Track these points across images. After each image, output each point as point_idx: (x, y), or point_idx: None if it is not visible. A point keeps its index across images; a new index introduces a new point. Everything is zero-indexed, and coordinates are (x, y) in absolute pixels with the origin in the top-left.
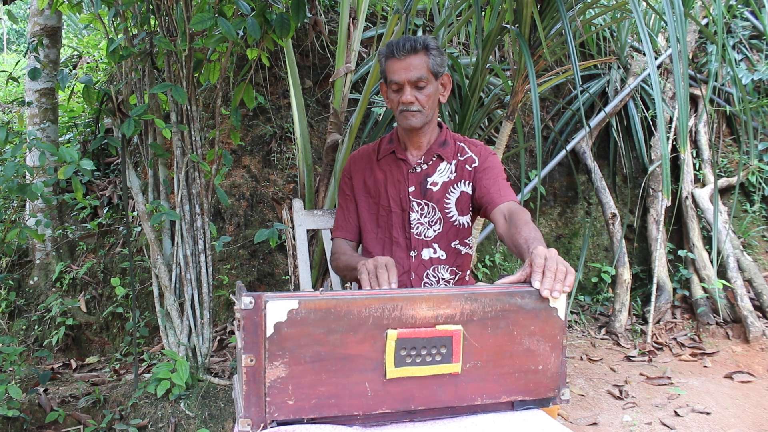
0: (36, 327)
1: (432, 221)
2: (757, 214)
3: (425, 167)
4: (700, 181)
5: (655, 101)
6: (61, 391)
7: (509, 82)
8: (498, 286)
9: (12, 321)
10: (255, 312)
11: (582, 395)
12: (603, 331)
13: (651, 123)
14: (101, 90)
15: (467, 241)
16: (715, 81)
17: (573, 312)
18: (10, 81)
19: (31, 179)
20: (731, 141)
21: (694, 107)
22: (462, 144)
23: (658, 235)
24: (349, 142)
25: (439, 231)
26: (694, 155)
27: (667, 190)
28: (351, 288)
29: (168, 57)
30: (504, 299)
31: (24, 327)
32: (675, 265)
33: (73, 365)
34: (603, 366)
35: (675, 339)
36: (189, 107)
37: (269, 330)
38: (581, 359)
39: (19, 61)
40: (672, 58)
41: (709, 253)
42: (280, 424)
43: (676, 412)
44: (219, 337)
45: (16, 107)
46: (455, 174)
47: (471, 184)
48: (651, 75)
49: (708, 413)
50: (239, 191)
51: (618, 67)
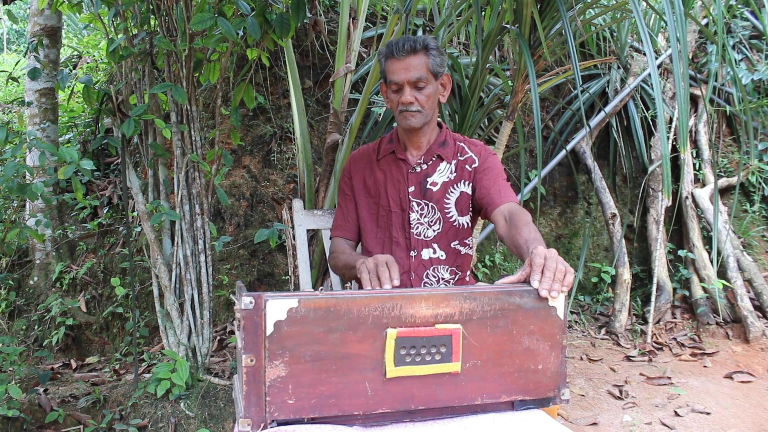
0: (36, 327)
1: (432, 221)
2: (757, 214)
3: (425, 167)
4: (700, 181)
5: (656, 101)
6: (61, 391)
7: (509, 82)
8: (497, 285)
9: (12, 321)
10: (255, 312)
11: (582, 395)
12: (603, 331)
13: (651, 123)
14: (101, 90)
15: (467, 242)
16: (715, 81)
17: (573, 312)
18: (10, 81)
19: (31, 179)
20: (731, 141)
21: (694, 107)
22: (462, 144)
23: (658, 235)
24: (349, 142)
25: (439, 231)
26: (694, 155)
27: (668, 190)
28: (351, 287)
29: (168, 57)
30: (503, 298)
31: (24, 327)
32: (675, 265)
33: (73, 365)
34: (603, 366)
35: (675, 339)
36: (189, 107)
37: (269, 329)
38: (581, 359)
39: (19, 61)
40: (672, 58)
41: (709, 253)
42: (280, 423)
43: (676, 412)
44: (219, 337)
45: (16, 107)
46: (455, 174)
47: (471, 184)
48: (651, 75)
49: (708, 413)
50: (239, 191)
51: (618, 67)
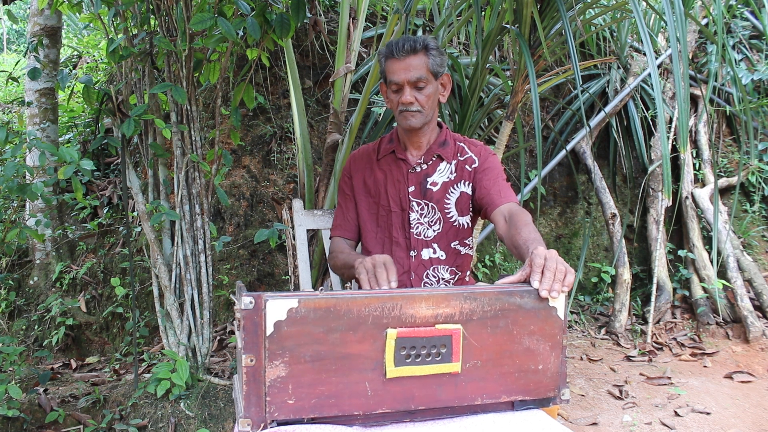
0: (36, 327)
1: (432, 221)
2: (757, 214)
3: (425, 167)
4: (700, 181)
5: (656, 101)
6: (61, 391)
7: (509, 82)
8: (498, 285)
9: (12, 321)
10: (255, 312)
11: (582, 395)
12: (603, 331)
13: (651, 123)
14: (101, 90)
15: (467, 242)
16: (715, 81)
17: (573, 312)
18: (10, 81)
19: (31, 179)
20: (731, 141)
21: (694, 107)
22: (462, 144)
23: (658, 235)
24: (349, 142)
25: (439, 231)
26: (694, 155)
27: (668, 190)
28: (351, 287)
29: (168, 57)
30: (503, 298)
31: (24, 327)
32: (675, 265)
33: (73, 365)
34: (603, 366)
35: (675, 339)
36: (189, 107)
37: (269, 329)
38: (581, 359)
39: (19, 61)
40: (672, 58)
41: (709, 253)
42: (280, 423)
43: (676, 412)
44: (219, 337)
45: (16, 107)
46: (455, 174)
47: (471, 184)
48: (651, 75)
49: (708, 413)
50: (239, 191)
51: (618, 67)
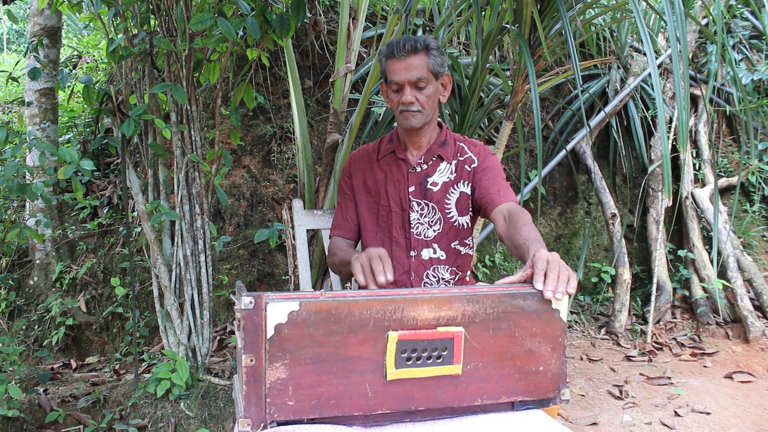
0: (36, 327)
1: (432, 221)
2: (757, 214)
3: (425, 167)
4: (700, 181)
5: (656, 101)
6: (61, 391)
7: (509, 82)
8: (499, 286)
9: (12, 321)
10: (255, 312)
11: (582, 395)
12: (603, 331)
13: (651, 123)
14: (101, 90)
15: (467, 242)
16: (715, 81)
17: (573, 312)
18: (10, 81)
19: (31, 179)
20: (731, 141)
21: (694, 107)
22: (462, 144)
23: (658, 235)
24: (349, 142)
25: (439, 231)
26: (694, 155)
27: (668, 190)
28: (351, 287)
29: (168, 57)
30: (506, 301)
31: (24, 327)
32: (675, 265)
33: (73, 365)
34: (603, 366)
35: (675, 339)
36: (189, 107)
37: (269, 331)
38: (581, 359)
39: (19, 61)
40: (672, 58)
41: (709, 253)
42: (280, 424)
43: (676, 412)
44: (219, 337)
45: (16, 107)
46: (455, 174)
47: (470, 184)
48: (651, 75)
49: (708, 413)
50: (239, 191)
51: (618, 67)
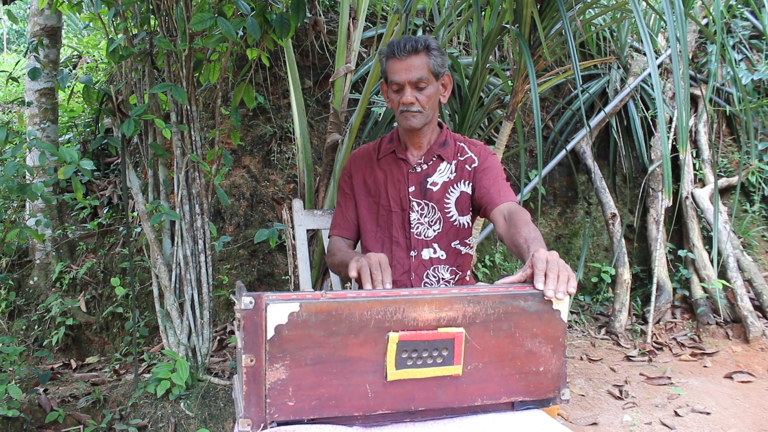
0: (36, 327)
1: (432, 221)
2: (757, 214)
3: (425, 167)
4: (700, 181)
5: (656, 101)
6: (61, 391)
7: (509, 82)
8: (499, 287)
9: (12, 321)
10: (255, 312)
11: (582, 395)
12: (603, 331)
13: (651, 123)
14: (101, 90)
15: (467, 241)
16: (715, 81)
17: (573, 312)
18: (10, 81)
19: (31, 179)
20: (731, 141)
21: (694, 107)
22: (462, 144)
23: (658, 235)
24: (349, 142)
25: (439, 231)
26: (694, 155)
27: (668, 190)
28: (351, 287)
29: (168, 57)
30: (507, 302)
31: (24, 327)
32: (675, 265)
33: (73, 365)
34: (603, 366)
35: (675, 339)
36: (189, 107)
37: (270, 332)
38: (581, 359)
39: (19, 61)
40: (672, 58)
41: (709, 253)
42: (280, 424)
43: (676, 412)
44: (219, 337)
45: (16, 107)
46: (455, 174)
47: (471, 184)
48: (651, 75)
49: (708, 413)
50: (239, 191)
51: (618, 67)
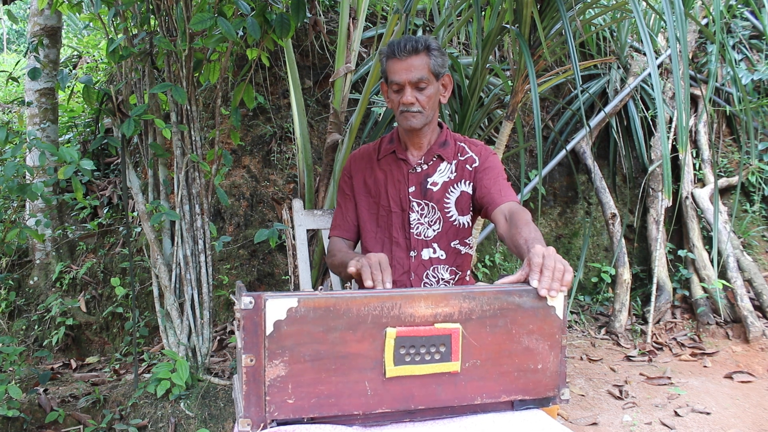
0: (36, 327)
1: (432, 221)
2: (757, 214)
3: (425, 167)
4: (700, 181)
5: (656, 101)
6: (61, 391)
7: (509, 82)
8: (497, 285)
9: (12, 321)
10: (255, 312)
11: (582, 395)
12: (603, 331)
13: (651, 123)
14: (101, 90)
15: (467, 241)
16: (715, 81)
17: (573, 312)
18: (10, 81)
19: (31, 179)
20: (731, 141)
21: (694, 107)
22: (462, 144)
23: (658, 235)
24: (349, 142)
25: (439, 231)
26: (694, 155)
27: (668, 190)
28: (351, 287)
29: (168, 57)
30: (502, 298)
31: (24, 327)
32: (675, 265)
33: (73, 365)
34: (603, 366)
35: (675, 339)
36: (189, 107)
37: (269, 328)
38: (581, 359)
39: (19, 61)
40: (672, 58)
41: (709, 253)
42: (280, 423)
43: (676, 412)
44: (219, 337)
45: (16, 107)
46: (455, 174)
47: (471, 184)
48: (651, 75)
49: (708, 413)
50: (239, 191)
51: (618, 67)
